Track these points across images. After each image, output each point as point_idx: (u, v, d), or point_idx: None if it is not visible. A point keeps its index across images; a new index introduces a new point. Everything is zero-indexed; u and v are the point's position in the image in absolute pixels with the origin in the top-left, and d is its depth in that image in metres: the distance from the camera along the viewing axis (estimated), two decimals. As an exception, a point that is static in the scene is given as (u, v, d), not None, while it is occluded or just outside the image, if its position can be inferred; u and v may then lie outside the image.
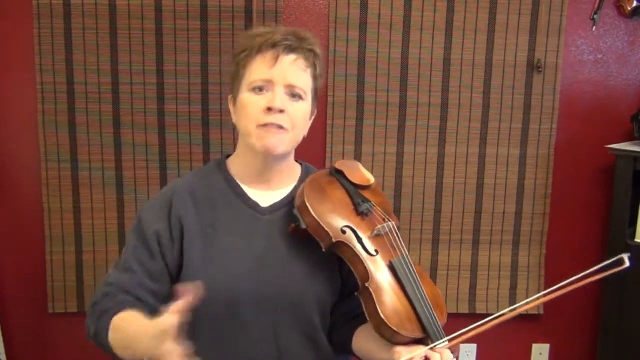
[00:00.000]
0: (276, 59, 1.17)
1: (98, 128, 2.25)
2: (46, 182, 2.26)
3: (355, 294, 1.15)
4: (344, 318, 1.29)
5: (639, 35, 2.39)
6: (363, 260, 1.15)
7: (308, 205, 1.17)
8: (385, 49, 2.29)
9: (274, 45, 1.18)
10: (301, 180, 1.31)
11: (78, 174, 2.27)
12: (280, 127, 1.18)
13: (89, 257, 2.31)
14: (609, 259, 2.36)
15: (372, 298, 1.11)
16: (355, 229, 1.18)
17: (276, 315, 1.21)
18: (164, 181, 2.27)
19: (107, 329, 1.13)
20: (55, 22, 2.17)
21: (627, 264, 1.16)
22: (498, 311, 1.15)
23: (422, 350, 1.08)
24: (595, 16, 2.34)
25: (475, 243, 2.44)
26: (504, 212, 2.43)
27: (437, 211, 2.41)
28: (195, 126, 2.27)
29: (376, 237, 1.20)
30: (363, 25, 2.27)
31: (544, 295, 1.16)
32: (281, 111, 1.17)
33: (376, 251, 1.17)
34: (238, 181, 1.27)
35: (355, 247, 1.16)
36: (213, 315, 1.20)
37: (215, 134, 2.28)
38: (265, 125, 1.17)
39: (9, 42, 2.21)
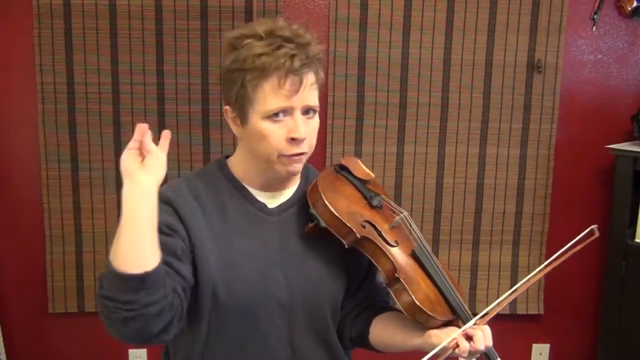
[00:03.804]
0: (298, 87, 1.11)
1: (98, 128, 2.25)
2: (46, 182, 2.26)
3: (384, 285, 1.17)
4: (355, 311, 1.30)
5: (639, 35, 2.39)
6: (387, 252, 1.16)
7: (327, 203, 1.16)
8: (385, 49, 2.29)
9: (293, 71, 1.10)
10: (303, 177, 1.29)
11: (78, 174, 2.27)
12: (303, 154, 1.16)
13: (89, 257, 2.31)
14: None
15: (404, 287, 1.13)
16: (373, 222, 1.19)
17: (291, 316, 1.21)
18: (164, 181, 2.27)
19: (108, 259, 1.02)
20: (55, 22, 2.17)
21: (597, 234, 1.28)
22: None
23: (461, 329, 1.12)
24: (595, 16, 2.34)
25: (475, 243, 2.44)
26: (504, 212, 2.43)
27: (437, 211, 2.41)
28: (195, 126, 2.27)
29: (393, 228, 1.21)
30: (363, 25, 2.27)
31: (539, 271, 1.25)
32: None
33: (396, 242, 1.19)
34: (243, 183, 1.25)
35: (377, 241, 1.17)
36: (228, 318, 1.19)
37: (215, 134, 2.28)
38: (289, 155, 1.14)
39: (9, 42, 2.21)
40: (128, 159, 1.03)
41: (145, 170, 1.03)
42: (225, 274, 1.17)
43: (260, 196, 1.24)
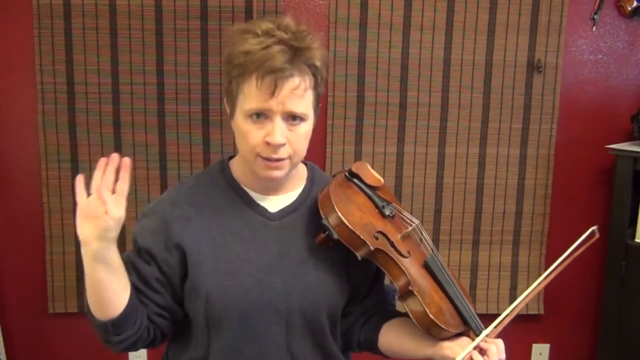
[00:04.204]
0: (273, 90, 1.07)
1: (98, 128, 2.25)
2: (46, 182, 2.26)
3: (396, 297, 1.16)
4: (362, 318, 1.29)
5: (639, 35, 2.39)
6: (400, 264, 1.14)
7: (340, 215, 1.13)
8: (385, 49, 2.29)
9: (270, 72, 1.06)
10: (309, 180, 1.27)
11: (78, 174, 2.26)
12: (281, 159, 1.12)
13: (89, 257, 2.31)
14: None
15: (418, 300, 1.12)
16: (386, 233, 1.17)
17: (289, 323, 1.19)
18: (164, 181, 2.27)
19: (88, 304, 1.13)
20: (55, 22, 2.17)
21: (597, 235, 1.28)
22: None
23: (474, 342, 1.11)
24: (595, 16, 2.34)
25: (475, 243, 2.44)
26: (504, 212, 2.43)
27: (437, 211, 2.41)
28: (195, 126, 2.27)
29: (404, 238, 1.19)
30: (363, 25, 2.27)
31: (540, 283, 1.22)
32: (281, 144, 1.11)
33: (408, 252, 1.17)
34: (243, 186, 1.23)
35: (390, 252, 1.15)
36: (225, 324, 1.17)
37: (215, 134, 2.28)
38: (266, 158, 1.12)
39: (9, 42, 2.21)
40: (82, 227, 1.06)
41: (98, 234, 1.05)
42: (220, 280, 1.16)
43: (261, 199, 1.22)
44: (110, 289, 1.09)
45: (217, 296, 1.15)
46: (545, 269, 2.55)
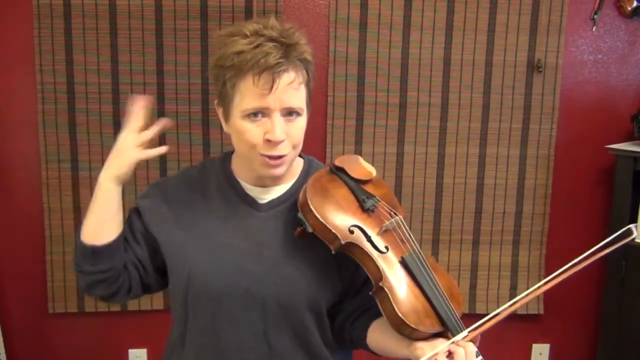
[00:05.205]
0: (271, 85, 1.09)
1: (98, 128, 2.25)
2: (46, 182, 2.26)
3: (370, 293, 1.13)
4: (354, 315, 1.29)
5: (639, 35, 2.39)
6: (374, 259, 1.13)
7: (312, 208, 1.13)
8: (385, 49, 2.29)
9: (267, 69, 1.09)
10: (303, 173, 1.29)
11: (78, 174, 2.27)
12: (282, 156, 1.15)
13: (89, 257, 2.31)
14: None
15: (388, 297, 1.09)
16: (363, 227, 1.16)
17: (265, 312, 1.20)
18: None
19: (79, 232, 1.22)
20: (55, 22, 2.17)
21: (635, 234, 1.16)
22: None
23: (444, 345, 1.08)
24: (595, 16, 2.34)
25: (475, 243, 2.44)
26: (504, 212, 2.43)
27: (437, 211, 2.41)
28: (195, 126, 2.27)
29: (385, 232, 1.17)
30: (363, 25, 2.27)
31: (563, 272, 1.19)
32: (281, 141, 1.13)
33: (386, 248, 1.15)
34: (237, 177, 1.26)
35: (365, 247, 1.13)
36: (203, 308, 1.21)
37: (215, 133, 2.28)
38: (267, 156, 1.14)
39: (9, 42, 2.21)
40: (127, 136, 1.27)
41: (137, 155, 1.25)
42: (201, 262, 1.20)
43: (252, 191, 1.25)
44: (110, 214, 1.20)
45: (198, 278, 1.20)
46: (546, 269, 2.55)
